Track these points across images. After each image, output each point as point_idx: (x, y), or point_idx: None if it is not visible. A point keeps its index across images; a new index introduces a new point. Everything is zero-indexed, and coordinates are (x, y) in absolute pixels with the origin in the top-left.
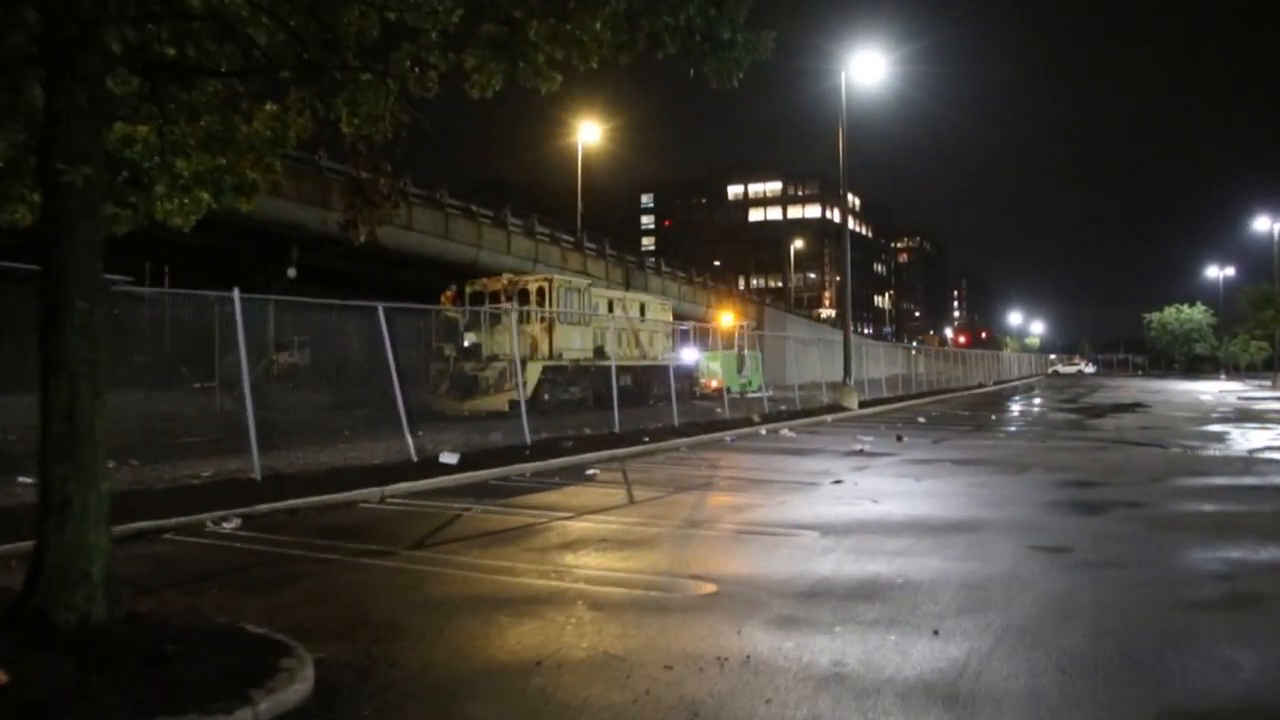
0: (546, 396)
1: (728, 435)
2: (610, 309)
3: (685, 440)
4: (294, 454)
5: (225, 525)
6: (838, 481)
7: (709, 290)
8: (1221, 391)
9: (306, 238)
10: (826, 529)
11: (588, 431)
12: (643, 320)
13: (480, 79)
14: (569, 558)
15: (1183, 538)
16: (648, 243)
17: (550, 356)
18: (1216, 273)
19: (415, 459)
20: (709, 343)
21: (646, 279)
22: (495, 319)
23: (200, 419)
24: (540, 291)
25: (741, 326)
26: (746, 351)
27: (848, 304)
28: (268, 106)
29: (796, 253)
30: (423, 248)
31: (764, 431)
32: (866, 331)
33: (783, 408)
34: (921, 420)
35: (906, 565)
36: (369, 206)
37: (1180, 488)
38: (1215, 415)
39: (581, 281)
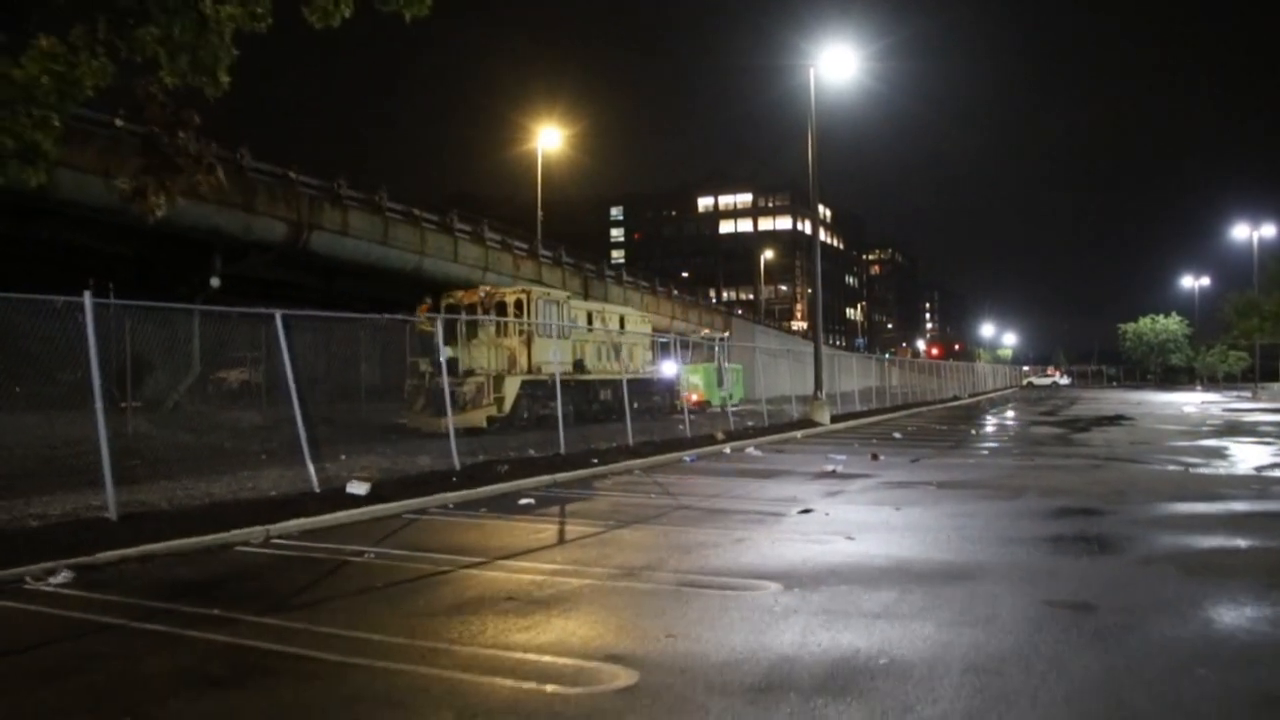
0: (525, 413)
1: (687, 455)
2: (589, 321)
3: (639, 462)
4: (181, 484)
5: (51, 580)
6: (806, 511)
7: (673, 300)
8: (1204, 403)
9: (230, 244)
10: (790, 578)
11: (531, 453)
12: (622, 333)
13: (322, 3)
14: (456, 627)
15: (1230, 589)
16: (617, 255)
17: (529, 371)
18: (1191, 283)
19: (318, 490)
20: (688, 355)
21: (606, 288)
22: (472, 332)
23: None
24: (518, 303)
25: (722, 339)
26: (727, 364)
27: (818, 313)
28: (42, 42)
29: (768, 265)
30: (359, 255)
31: (728, 450)
32: (838, 344)
33: (750, 423)
34: (897, 436)
35: (892, 635)
36: (168, 172)
37: (1198, 516)
38: (1206, 428)
39: (560, 294)
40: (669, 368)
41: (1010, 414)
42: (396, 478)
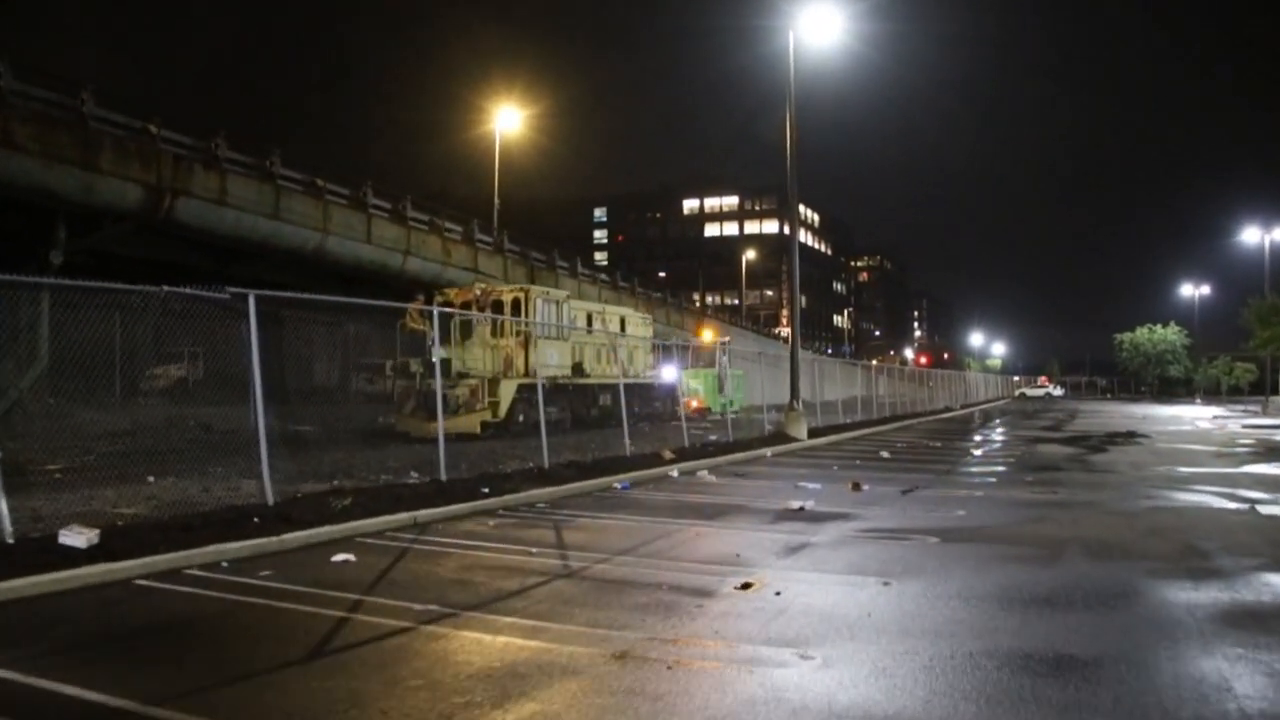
0: (521, 418)
1: (620, 481)
2: (589, 323)
3: (549, 491)
4: None
5: None
6: (745, 586)
7: (636, 297)
8: (1215, 418)
9: (73, 212)
10: None
11: (414, 477)
12: (623, 335)
13: None
14: None
15: None
16: (600, 257)
17: (526, 374)
18: (1191, 292)
19: (11, 539)
20: (687, 359)
21: (557, 279)
22: (466, 332)
23: None
24: (515, 303)
25: (723, 344)
26: (729, 369)
27: (796, 314)
28: None
29: (754, 269)
30: (244, 229)
31: (675, 474)
32: (827, 351)
33: (712, 437)
34: (885, 455)
35: None
36: None
37: None
38: (1241, 449)
39: (559, 293)
40: (670, 372)
41: (1010, 428)
42: (168, 516)
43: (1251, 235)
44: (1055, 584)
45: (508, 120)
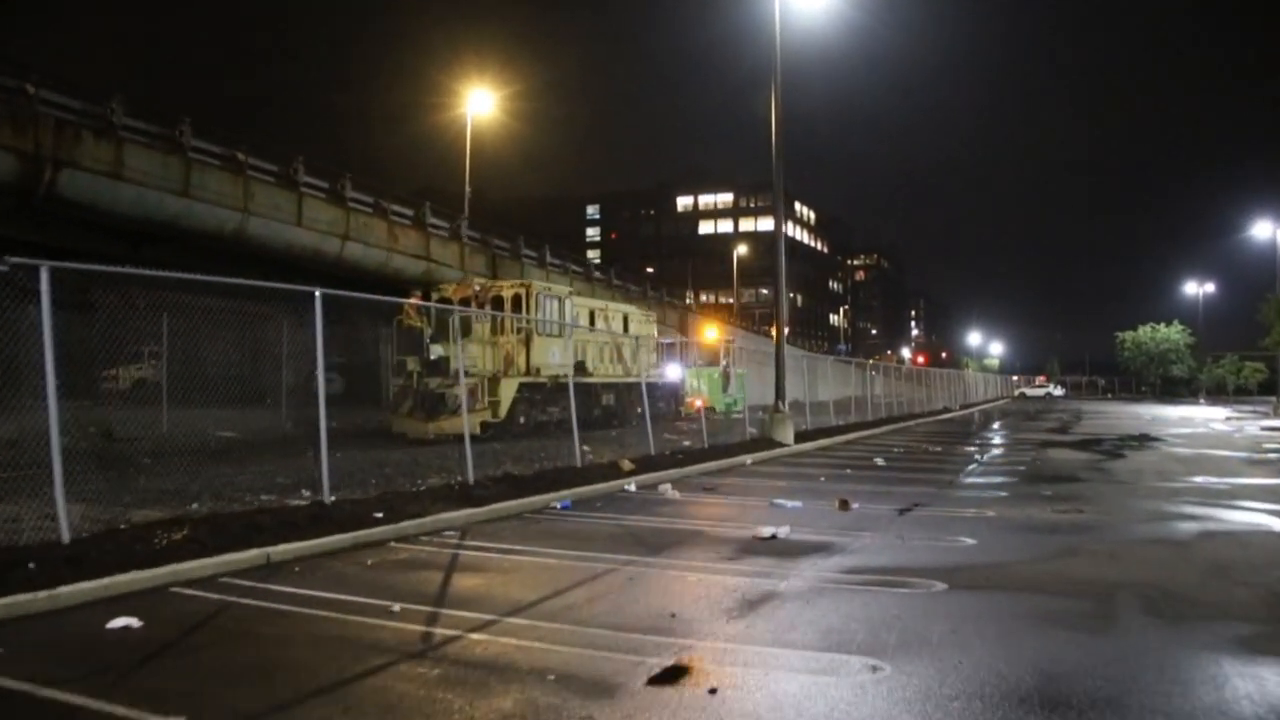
0: (523, 419)
1: (559, 499)
2: (591, 320)
3: (465, 515)
4: None
5: None
6: (670, 674)
7: (613, 289)
8: (1229, 420)
9: None
10: None
11: (305, 496)
12: (625, 333)
13: None
14: None
15: None
16: (593, 255)
17: (527, 372)
18: (1195, 289)
19: None
20: (687, 358)
21: (522, 269)
22: (465, 330)
23: None
24: (516, 299)
25: (728, 342)
26: (733, 368)
27: (782, 305)
28: None
29: (749, 267)
30: (148, 208)
31: (632, 488)
32: (824, 349)
33: (686, 443)
34: (879, 463)
35: None
36: None
37: None
38: (1272, 455)
39: (562, 289)
40: (674, 371)
41: (1014, 431)
42: None
43: (1259, 231)
44: (1121, 670)
45: (482, 104)
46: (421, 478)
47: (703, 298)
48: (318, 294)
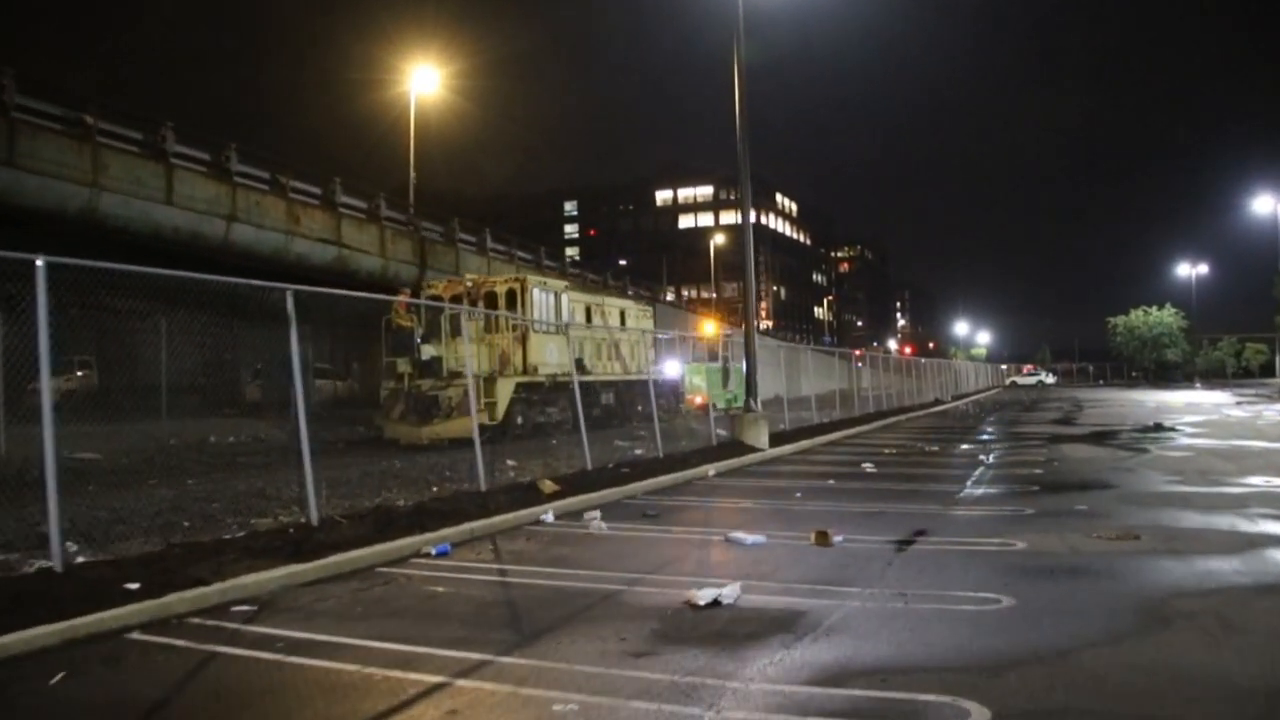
0: (520, 420)
1: (436, 543)
2: (588, 316)
3: (284, 575)
4: None
5: None
6: None
7: (569, 279)
8: (1239, 404)
9: None
10: None
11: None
12: (623, 329)
13: None
14: None
15: None
16: (571, 251)
17: (524, 371)
18: (1187, 271)
19: None
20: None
21: (458, 257)
22: (457, 328)
23: None
24: (510, 294)
25: (727, 336)
26: (732, 364)
27: (750, 291)
28: None
29: (730, 260)
30: None
31: (549, 517)
32: (809, 342)
33: (638, 451)
34: (869, 469)
35: None
36: None
37: None
38: None
39: (557, 284)
40: (673, 367)
41: (1016, 423)
42: None
43: (1260, 206)
44: None
45: (425, 81)
46: (264, 513)
47: (684, 292)
48: (290, 293)
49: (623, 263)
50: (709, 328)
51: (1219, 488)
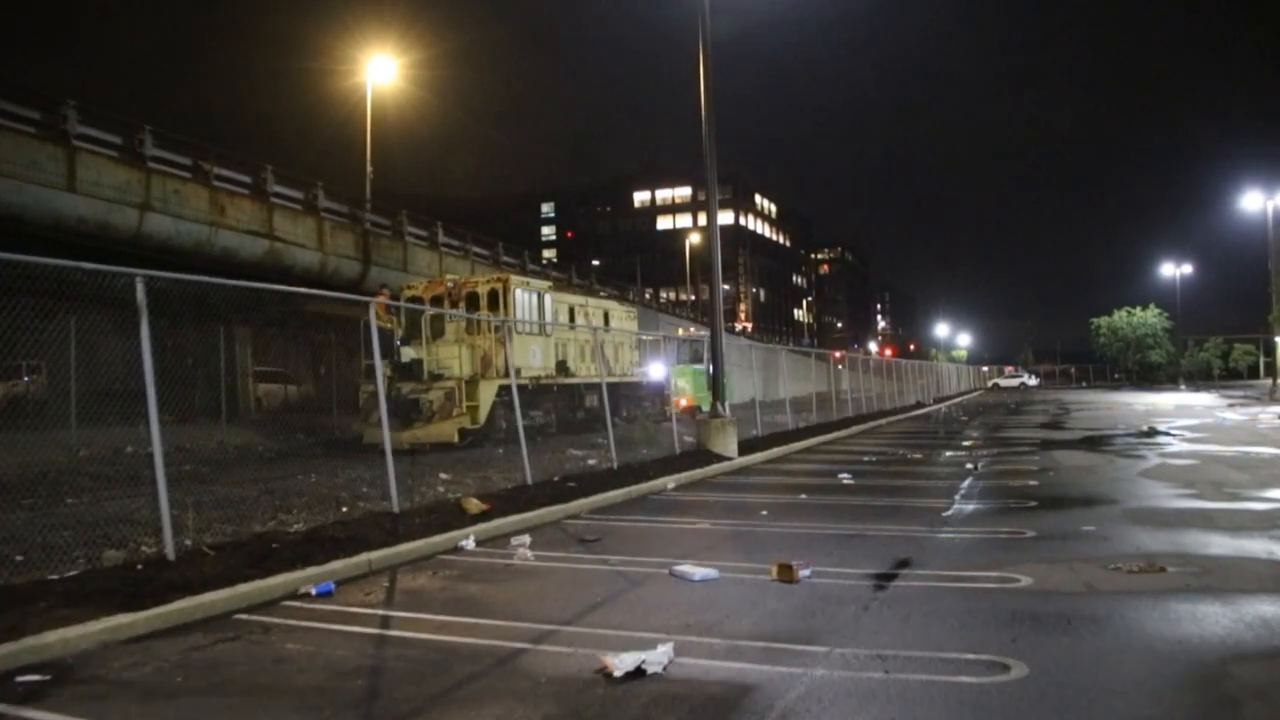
0: (504, 424)
1: (320, 581)
2: (571, 317)
3: (106, 630)
4: None
5: None
6: None
7: (528, 275)
8: (1231, 407)
9: None
10: None
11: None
12: (607, 330)
13: None
14: None
15: None
16: (549, 254)
17: (507, 374)
18: (1171, 271)
19: None
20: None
21: (405, 252)
22: (438, 329)
23: None
24: (493, 295)
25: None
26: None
27: (716, 287)
28: None
29: (709, 263)
30: None
31: (470, 543)
32: (789, 345)
33: (591, 461)
34: (846, 481)
35: None
36: None
37: None
38: None
39: (541, 284)
40: (658, 369)
41: (1002, 427)
42: None
43: (1248, 203)
44: None
45: (382, 70)
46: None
47: (663, 294)
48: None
49: (596, 263)
50: (693, 330)
51: (1239, 503)
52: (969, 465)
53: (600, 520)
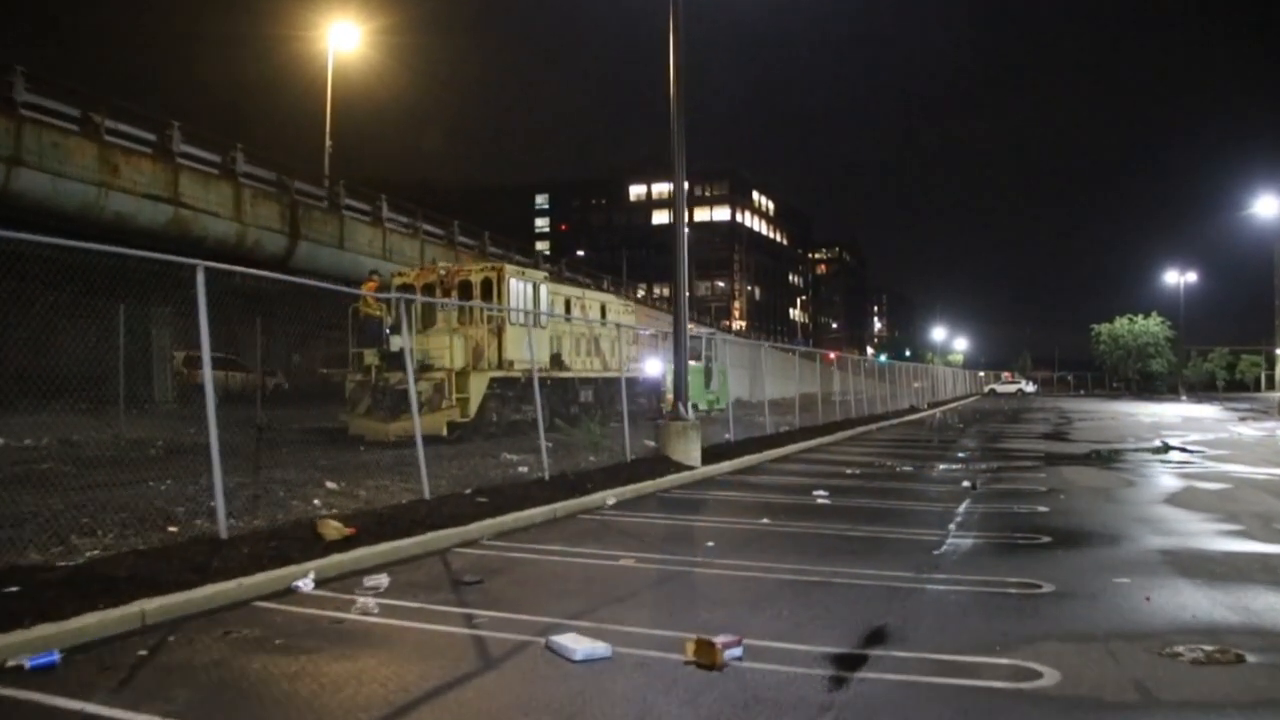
0: (495, 416)
1: (46, 649)
2: (567, 308)
3: None
4: None
5: None
6: None
7: (491, 260)
8: (1243, 420)
9: None
10: None
11: None
12: (603, 323)
13: None
14: None
15: None
16: (542, 246)
17: (499, 366)
18: (1175, 279)
19: None
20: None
21: (342, 226)
22: (429, 318)
23: None
24: (486, 283)
25: (710, 334)
26: (714, 363)
27: (682, 272)
28: None
29: (704, 258)
30: None
31: (308, 584)
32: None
33: (523, 469)
34: (821, 500)
35: None
36: None
37: None
38: None
39: (536, 274)
40: (654, 365)
41: (1000, 438)
42: None
43: (1245, 220)
44: None
45: (346, 39)
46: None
47: (655, 290)
48: None
49: (580, 253)
50: (692, 326)
51: None
52: (966, 483)
53: (500, 550)
